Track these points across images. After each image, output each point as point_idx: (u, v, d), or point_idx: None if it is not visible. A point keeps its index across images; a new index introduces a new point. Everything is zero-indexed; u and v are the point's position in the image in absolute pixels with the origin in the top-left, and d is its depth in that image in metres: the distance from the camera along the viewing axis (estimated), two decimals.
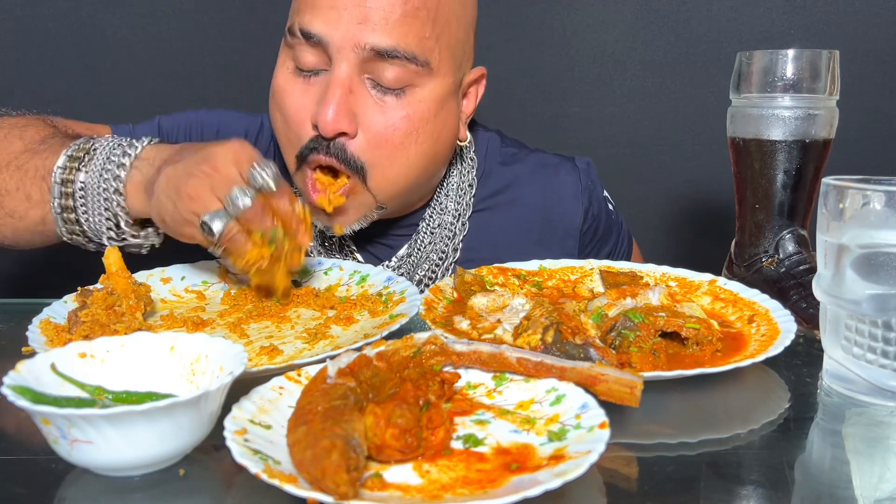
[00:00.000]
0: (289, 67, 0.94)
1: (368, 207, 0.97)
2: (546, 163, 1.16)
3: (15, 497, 0.54)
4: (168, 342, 0.63)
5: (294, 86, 0.93)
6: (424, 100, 0.92)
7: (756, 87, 0.94)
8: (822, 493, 0.57)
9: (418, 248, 1.07)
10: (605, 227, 1.19)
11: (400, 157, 0.92)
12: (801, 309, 0.90)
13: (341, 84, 0.88)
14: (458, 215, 1.08)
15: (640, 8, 1.65)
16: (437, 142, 0.96)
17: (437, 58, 0.91)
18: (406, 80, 0.90)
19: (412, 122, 0.91)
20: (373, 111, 0.90)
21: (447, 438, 0.56)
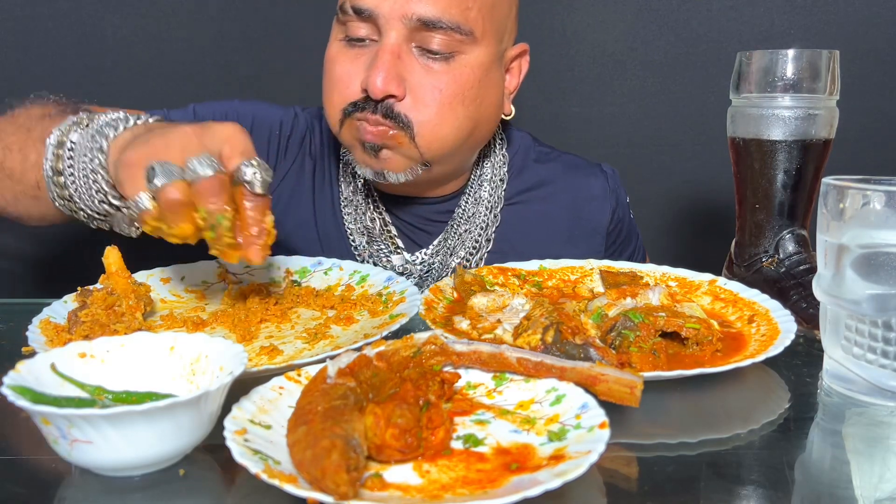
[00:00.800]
0: (340, 40, 0.99)
1: (414, 161, 0.99)
2: (577, 164, 1.22)
3: (15, 497, 0.54)
4: (168, 342, 0.63)
5: (345, 55, 0.98)
6: (469, 65, 0.97)
7: (756, 87, 0.94)
8: (822, 493, 0.57)
9: (453, 235, 1.11)
10: (627, 230, 1.25)
11: (448, 116, 0.97)
12: (801, 309, 0.90)
13: (390, 50, 0.93)
14: (490, 207, 1.13)
15: (640, 8, 1.65)
16: (480, 106, 1.00)
17: (480, 27, 0.96)
18: (452, 48, 0.95)
19: (459, 84, 0.96)
20: (420, 75, 0.95)
21: (447, 438, 0.56)
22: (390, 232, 1.10)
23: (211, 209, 0.70)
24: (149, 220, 0.71)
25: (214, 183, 0.69)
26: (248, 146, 0.73)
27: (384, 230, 1.10)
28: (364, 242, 1.09)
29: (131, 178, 0.71)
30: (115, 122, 0.81)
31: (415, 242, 1.12)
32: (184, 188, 0.69)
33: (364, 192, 1.10)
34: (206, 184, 0.69)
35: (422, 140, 0.96)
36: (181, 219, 0.70)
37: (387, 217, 1.11)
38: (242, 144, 0.73)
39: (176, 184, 0.69)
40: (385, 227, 1.10)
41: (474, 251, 1.12)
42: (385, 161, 0.98)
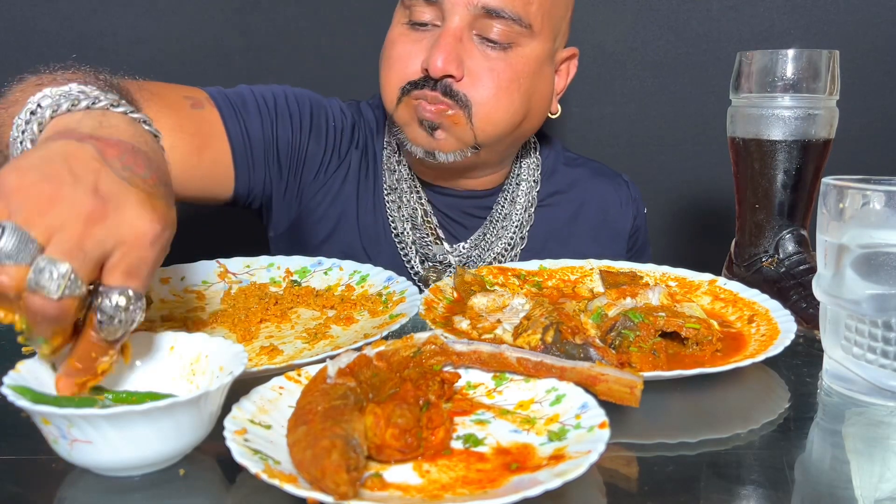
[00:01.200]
0: (403, 23, 1.03)
1: (466, 143, 1.03)
2: (603, 171, 1.28)
3: (15, 497, 0.54)
4: (168, 342, 0.63)
5: (406, 37, 1.02)
6: (526, 56, 1.01)
7: (756, 87, 0.94)
8: (822, 493, 0.57)
9: (491, 231, 1.15)
10: (643, 241, 1.30)
11: (504, 99, 1.01)
12: (801, 309, 0.90)
13: (453, 34, 0.97)
14: (525, 207, 1.17)
15: (640, 8, 1.65)
16: (532, 98, 1.04)
17: (538, 23, 1.01)
18: (510, 38, 0.99)
19: (515, 72, 1.00)
20: (479, 59, 0.99)
21: (447, 438, 0.56)
22: (431, 222, 1.14)
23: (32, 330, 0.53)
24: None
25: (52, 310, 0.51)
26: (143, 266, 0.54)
27: (425, 220, 1.13)
28: (409, 229, 1.12)
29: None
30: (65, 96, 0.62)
31: (452, 235, 1.16)
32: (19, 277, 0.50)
33: (408, 181, 1.13)
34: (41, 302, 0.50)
35: (478, 120, 1.00)
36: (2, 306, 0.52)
37: (428, 207, 1.14)
38: (135, 258, 0.53)
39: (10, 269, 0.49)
40: (426, 218, 1.13)
41: (509, 248, 1.16)
42: (439, 141, 1.02)
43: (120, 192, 0.53)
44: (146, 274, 0.54)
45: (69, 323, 0.53)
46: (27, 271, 0.50)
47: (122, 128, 0.60)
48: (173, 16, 1.62)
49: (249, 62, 1.65)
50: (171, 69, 1.64)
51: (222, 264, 1.00)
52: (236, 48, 1.64)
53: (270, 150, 1.08)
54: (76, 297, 0.51)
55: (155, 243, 0.54)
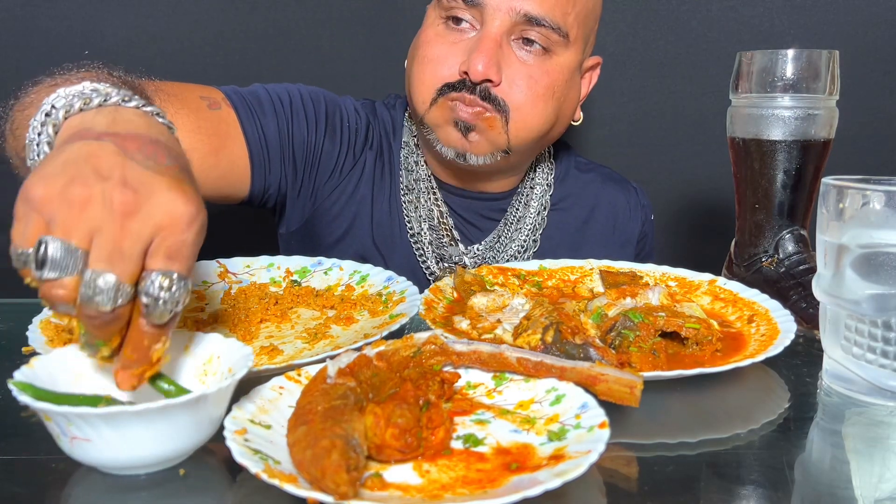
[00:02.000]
0: (439, 24, 1.03)
1: (498, 147, 1.04)
2: (613, 176, 1.29)
3: (15, 497, 0.54)
4: (183, 341, 0.63)
5: (442, 38, 1.02)
6: (560, 65, 1.03)
7: (756, 87, 0.94)
8: (822, 493, 0.57)
9: (505, 233, 1.17)
10: (650, 245, 1.31)
11: (540, 104, 1.02)
12: (801, 309, 0.90)
13: (493, 39, 0.98)
14: (538, 210, 1.19)
15: (640, 8, 1.65)
16: (563, 105, 1.07)
17: (574, 32, 1.03)
18: (548, 46, 1.01)
19: (551, 79, 1.02)
20: (517, 66, 1.00)
21: (447, 438, 0.56)
22: (447, 223, 1.14)
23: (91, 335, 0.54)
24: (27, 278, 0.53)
25: (107, 320, 0.52)
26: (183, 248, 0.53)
27: (441, 221, 1.14)
28: (425, 228, 1.13)
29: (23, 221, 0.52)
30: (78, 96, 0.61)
31: (466, 237, 1.17)
32: (72, 288, 0.51)
33: (426, 182, 1.14)
34: (96, 314, 0.51)
35: (514, 125, 1.01)
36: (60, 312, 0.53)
37: (444, 208, 1.14)
38: (175, 240, 0.52)
39: (64, 282, 0.50)
40: (442, 219, 1.14)
41: (522, 250, 1.17)
42: (472, 143, 1.02)
43: (148, 181, 0.53)
44: (187, 255, 0.53)
45: (125, 324, 0.54)
46: (79, 281, 0.51)
47: (137, 122, 0.59)
48: (173, 16, 1.62)
49: (249, 62, 1.65)
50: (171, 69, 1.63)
51: (222, 264, 1.00)
52: (236, 48, 1.64)
53: (287, 150, 1.08)
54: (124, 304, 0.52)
55: (191, 224, 0.53)
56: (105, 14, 1.61)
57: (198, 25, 1.63)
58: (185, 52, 1.63)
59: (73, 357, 0.60)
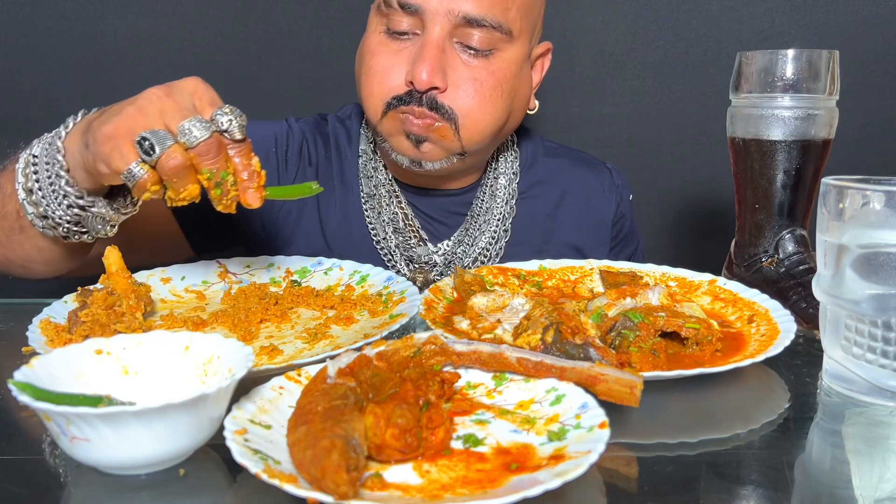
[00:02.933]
0: (380, 32, 1.02)
1: (452, 152, 1.03)
2: (584, 158, 1.28)
3: (15, 497, 0.54)
4: (184, 341, 0.63)
5: (386, 47, 1.01)
6: (506, 61, 1.02)
7: (756, 87, 0.94)
8: (822, 493, 0.57)
9: (473, 226, 1.15)
10: (629, 228, 1.28)
11: (488, 107, 1.01)
12: (801, 309, 0.90)
13: (435, 45, 0.97)
14: (506, 199, 1.17)
15: (640, 8, 1.65)
16: (514, 100, 1.05)
17: (517, 26, 1.01)
18: (491, 45, 0.99)
19: (497, 79, 1.01)
20: (461, 69, 0.99)
21: (447, 438, 0.56)
22: (413, 224, 1.14)
23: (215, 169, 0.73)
24: (149, 188, 0.72)
25: (213, 144, 0.72)
26: (214, 95, 0.75)
27: (406, 223, 1.13)
28: (389, 233, 1.12)
29: (116, 151, 0.71)
30: (65, 122, 0.82)
31: (435, 235, 1.16)
32: (183, 152, 0.71)
33: (387, 186, 1.13)
34: (205, 146, 0.71)
35: (465, 131, 1.01)
36: (187, 182, 0.73)
37: (408, 210, 1.14)
38: (209, 94, 0.74)
39: (175, 149, 0.71)
40: (407, 221, 1.13)
41: (493, 241, 1.16)
42: (425, 153, 1.02)
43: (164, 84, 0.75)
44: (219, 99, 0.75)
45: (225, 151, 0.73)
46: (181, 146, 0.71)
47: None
48: (173, 16, 1.62)
49: (249, 62, 1.65)
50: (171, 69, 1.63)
51: (222, 264, 1.00)
52: (236, 48, 1.65)
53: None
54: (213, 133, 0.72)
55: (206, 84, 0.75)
56: (105, 14, 1.62)
57: (198, 25, 1.63)
58: (185, 52, 1.63)
59: (73, 357, 0.60)
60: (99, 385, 0.60)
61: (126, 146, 0.72)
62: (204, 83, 0.76)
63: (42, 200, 0.82)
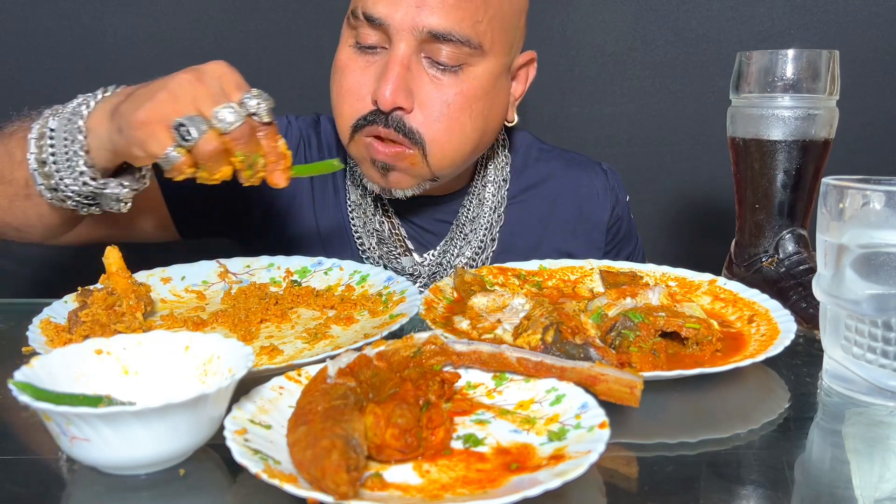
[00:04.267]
0: (350, 45, 0.99)
1: (423, 178, 1.01)
2: (577, 160, 1.24)
3: (15, 497, 0.54)
4: (184, 341, 0.63)
5: (355, 63, 0.97)
6: (478, 77, 0.97)
7: (756, 87, 0.94)
8: (822, 493, 0.57)
9: (458, 236, 1.13)
10: (626, 229, 1.25)
11: (456, 130, 0.97)
12: (801, 309, 0.90)
13: (400, 62, 0.93)
14: (494, 207, 1.14)
15: (640, 8, 1.65)
16: (487, 118, 1.01)
17: (489, 40, 0.96)
18: (460, 60, 0.95)
19: (466, 98, 0.96)
20: (429, 88, 0.95)
21: (447, 438, 0.56)
22: (399, 234, 1.12)
23: (247, 152, 0.76)
24: (184, 170, 0.76)
25: (246, 129, 0.75)
26: (241, 79, 0.78)
27: (392, 233, 1.11)
28: (374, 243, 1.10)
29: (153, 136, 0.74)
30: (85, 100, 0.83)
31: (422, 245, 1.14)
32: (218, 137, 0.75)
33: (372, 196, 1.10)
34: (238, 131, 0.75)
35: (433, 157, 0.97)
36: (221, 164, 0.77)
37: (395, 220, 1.12)
38: (235, 78, 0.78)
39: (211, 135, 0.74)
40: (393, 231, 1.11)
41: (480, 251, 1.13)
42: (393, 181, 1.00)
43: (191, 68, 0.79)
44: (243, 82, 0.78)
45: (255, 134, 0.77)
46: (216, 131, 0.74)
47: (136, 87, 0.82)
48: (173, 16, 1.62)
49: (249, 62, 1.65)
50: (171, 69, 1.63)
51: (222, 264, 1.00)
52: (236, 48, 1.65)
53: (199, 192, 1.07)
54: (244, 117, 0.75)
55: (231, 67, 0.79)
56: (105, 14, 1.62)
57: (198, 25, 1.63)
58: (185, 52, 1.63)
59: (73, 357, 0.60)
60: (99, 385, 0.60)
61: (162, 132, 0.74)
62: (230, 67, 0.79)
63: (55, 174, 0.83)
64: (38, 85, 1.63)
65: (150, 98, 0.75)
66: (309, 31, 1.64)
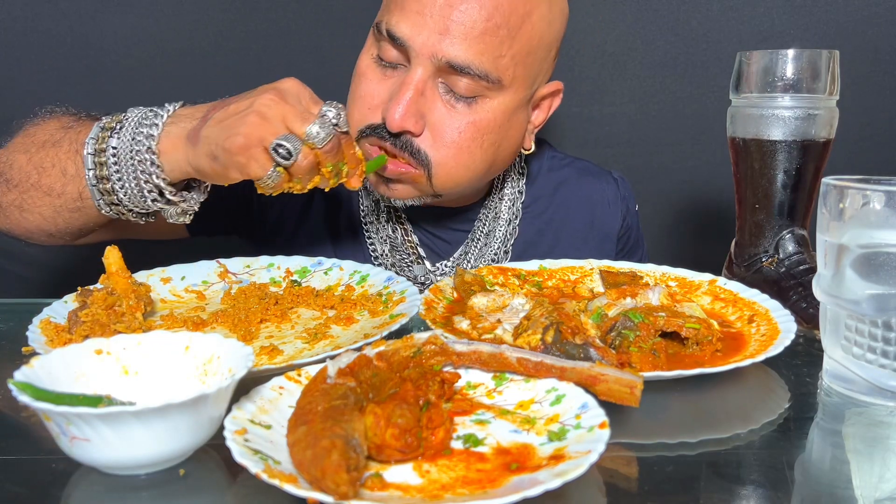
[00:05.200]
0: (372, 55, 0.98)
1: (425, 194, 1.01)
2: (589, 170, 1.24)
3: (15, 497, 0.54)
4: (184, 341, 0.63)
5: (373, 72, 0.97)
6: (493, 110, 0.96)
7: (756, 87, 0.94)
8: (822, 493, 0.57)
9: (473, 249, 1.13)
10: (635, 239, 1.26)
11: (464, 158, 0.96)
12: (801, 309, 0.90)
13: (415, 86, 0.92)
14: (509, 220, 1.14)
15: (640, 8, 1.65)
16: (499, 149, 1.00)
17: (510, 75, 0.94)
18: (476, 92, 0.94)
19: (478, 129, 0.95)
20: (441, 114, 0.94)
21: (447, 438, 0.56)
22: (412, 242, 1.12)
23: (335, 162, 0.81)
24: (284, 186, 0.81)
25: (335, 143, 0.80)
26: (311, 92, 0.82)
27: (405, 240, 1.11)
28: (387, 250, 1.11)
29: (253, 160, 0.78)
30: (147, 118, 0.85)
31: (435, 252, 1.14)
32: (312, 153, 0.79)
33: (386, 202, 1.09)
34: (330, 145, 0.79)
35: (437, 179, 0.97)
36: (314, 175, 0.81)
37: (408, 226, 1.12)
38: (307, 93, 0.81)
39: (307, 152, 0.78)
40: (406, 238, 1.11)
41: (493, 262, 1.13)
42: (395, 191, 0.99)
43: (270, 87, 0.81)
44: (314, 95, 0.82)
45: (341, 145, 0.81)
46: (310, 146, 0.78)
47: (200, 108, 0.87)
48: (173, 16, 1.62)
49: (249, 62, 1.65)
50: (171, 69, 1.64)
51: (222, 264, 1.00)
52: (236, 48, 1.64)
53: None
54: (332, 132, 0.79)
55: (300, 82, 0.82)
56: (105, 14, 1.61)
57: (198, 25, 1.63)
58: (185, 52, 1.63)
59: (73, 357, 0.60)
60: (99, 385, 0.60)
61: (261, 155, 0.78)
62: (300, 83, 0.82)
63: (119, 191, 0.85)
64: (39, 85, 1.63)
65: (242, 122, 0.77)
66: (309, 31, 1.64)
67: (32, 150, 0.91)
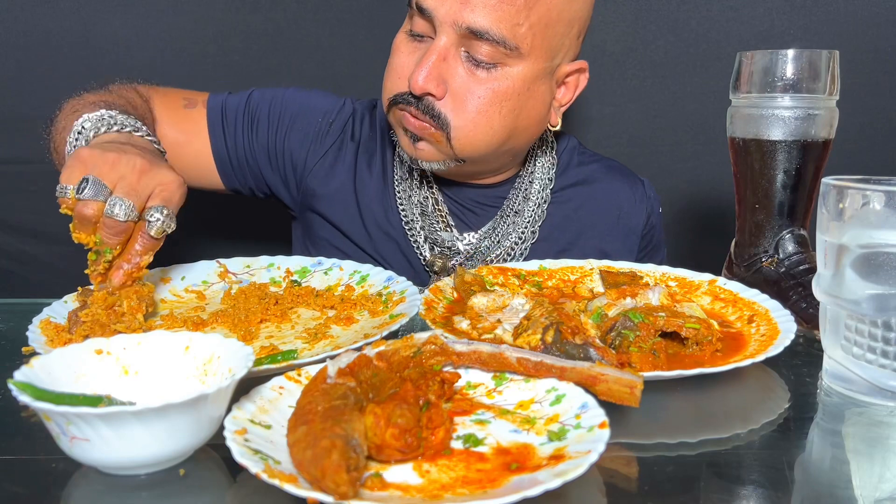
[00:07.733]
0: (406, 31, 1.06)
1: (447, 156, 1.05)
2: (618, 168, 1.29)
3: (15, 497, 0.54)
4: (184, 341, 0.63)
5: (405, 46, 1.05)
6: (512, 78, 1.01)
7: (756, 87, 0.94)
8: (822, 493, 0.57)
9: (502, 225, 1.17)
10: (657, 239, 1.30)
11: (483, 123, 1.01)
12: (801, 309, 0.90)
13: (438, 52, 0.99)
14: (538, 203, 1.19)
15: (640, 8, 1.65)
16: (518, 117, 1.04)
17: (528, 44, 0.99)
18: (496, 59, 0.99)
19: (497, 95, 1.01)
20: (462, 79, 1.00)
21: (447, 438, 0.56)
22: (442, 210, 1.16)
23: (104, 242, 0.80)
24: (63, 207, 0.80)
25: (120, 228, 0.79)
26: (174, 197, 0.83)
27: (436, 208, 1.16)
28: (417, 214, 1.15)
29: (71, 169, 0.80)
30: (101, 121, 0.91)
31: (463, 223, 1.18)
32: (98, 210, 0.79)
33: (419, 171, 1.15)
34: (113, 223, 0.78)
35: (457, 142, 1.02)
36: (83, 228, 0.80)
37: (439, 196, 1.16)
38: (169, 193, 0.82)
39: (94, 205, 0.78)
40: (437, 206, 1.16)
41: (520, 241, 1.17)
42: (420, 151, 1.05)
43: (158, 159, 0.86)
44: (176, 204, 0.83)
45: (127, 237, 0.81)
46: (103, 206, 0.78)
47: (143, 144, 0.90)
48: (173, 16, 1.62)
49: (250, 62, 1.65)
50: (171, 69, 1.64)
51: (222, 264, 1.00)
52: (236, 48, 1.64)
53: (251, 156, 1.18)
54: (133, 220, 0.80)
55: (180, 188, 0.83)
56: (105, 14, 1.61)
57: (198, 25, 1.63)
58: (185, 52, 1.63)
59: (73, 357, 0.60)
60: (99, 385, 0.60)
61: (78, 172, 0.80)
62: (177, 184, 0.83)
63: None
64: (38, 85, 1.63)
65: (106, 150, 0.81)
66: (309, 31, 1.64)
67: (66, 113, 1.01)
